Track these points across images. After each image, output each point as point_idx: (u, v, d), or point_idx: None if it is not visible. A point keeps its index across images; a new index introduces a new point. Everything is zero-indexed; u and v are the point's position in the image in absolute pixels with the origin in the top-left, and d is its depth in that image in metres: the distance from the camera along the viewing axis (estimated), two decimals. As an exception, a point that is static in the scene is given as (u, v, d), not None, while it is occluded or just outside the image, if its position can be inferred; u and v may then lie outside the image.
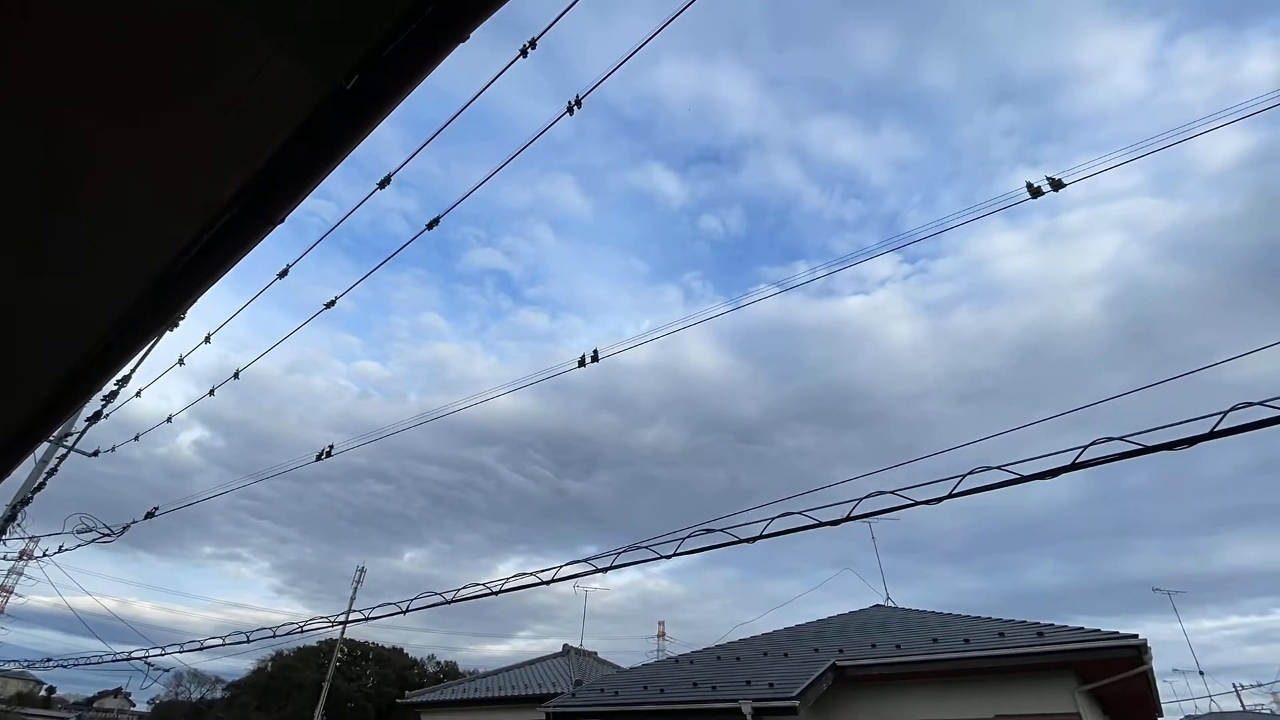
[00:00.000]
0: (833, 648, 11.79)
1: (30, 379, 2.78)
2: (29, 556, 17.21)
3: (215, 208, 1.91)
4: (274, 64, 1.44)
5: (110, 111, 1.63)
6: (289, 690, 40.43)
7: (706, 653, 15.20)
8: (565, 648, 22.00)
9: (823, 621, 15.58)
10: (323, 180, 1.98)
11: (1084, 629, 9.89)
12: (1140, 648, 8.85)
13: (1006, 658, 9.61)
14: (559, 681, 16.69)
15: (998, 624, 11.29)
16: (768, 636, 15.30)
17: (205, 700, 48.78)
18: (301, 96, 1.56)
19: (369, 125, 1.76)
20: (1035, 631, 10.05)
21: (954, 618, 12.86)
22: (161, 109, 1.62)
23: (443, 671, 49.04)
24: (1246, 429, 2.85)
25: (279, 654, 42.78)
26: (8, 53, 1.50)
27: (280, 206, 2.02)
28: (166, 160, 1.76)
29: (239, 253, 2.21)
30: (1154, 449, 3.01)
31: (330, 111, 1.62)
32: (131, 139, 1.70)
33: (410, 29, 1.42)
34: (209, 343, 6.55)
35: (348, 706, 38.95)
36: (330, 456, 6.69)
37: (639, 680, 13.63)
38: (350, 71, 1.48)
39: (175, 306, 2.32)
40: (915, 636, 11.40)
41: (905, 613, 14.55)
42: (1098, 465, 3.13)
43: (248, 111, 1.62)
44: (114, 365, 2.85)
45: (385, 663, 45.39)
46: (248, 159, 1.77)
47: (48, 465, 12.53)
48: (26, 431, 3.28)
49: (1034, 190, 4.30)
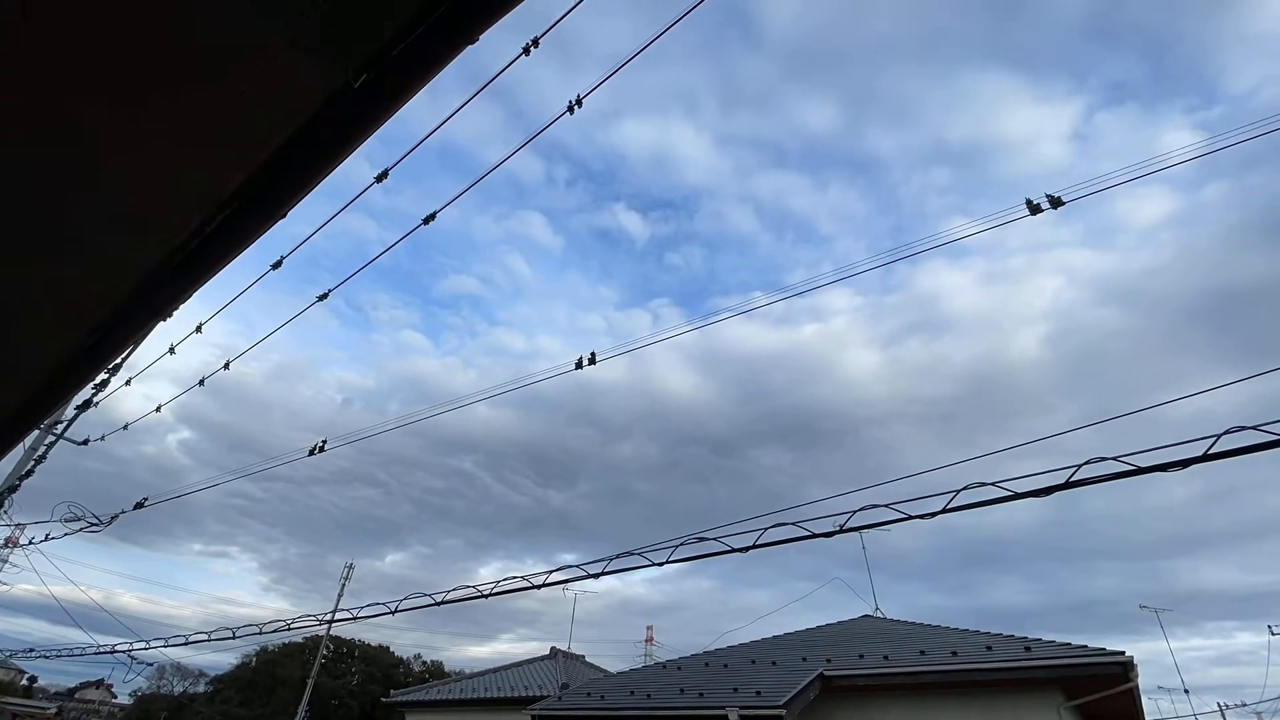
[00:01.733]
0: (820, 657, 11.78)
1: (23, 367, 2.75)
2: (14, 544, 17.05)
3: (217, 200, 1.89)
4: (284, 59, 1.44)
5: (114, 98, 1.62)
6: (272, 686, 40.10)
7: (694, 659, 15.17)
8: (553, 650, 21.91)
9: (811, 631, 15.57)
10: (325, 177, 1.98)
11: (1071, 645, 9.91)
12: (1127, 664, 8.87)
13: (993, 671, 9.62)
14: (545, 684, 16.61)
15: (985, 637, 11.31)
16: (756, 644, 15.28)
17: (188, 694, 48.36)
18: (309, 93, 1.56)
19: (374, 124, 1.76)
20: (1023, 646, 10.07)
21: (942, 630, 12.87)
22: (167, 98, 1.61)
23: (428, 671, 48.74)
24: (1240, 453, 2.87)
25: (263, 649, 42.45)
26: (14, 35, 1.48)
27: (282, 202, 2.01)
28: (170, 150, 1.75)
29: (238, 246, 2.19)
30: (1148, 470, 3.02)
31: (337, 109, 1.61)
32: (135, 127, 1.69)
33: (421, 29, 1.42)
34: (200, 332, 6.52)
35: (331, 704, 38.66)
36: (323, 451, 6.66)
37: (626, 685, 13.58)
38: (359, 70, 1.48)
39: (173, 299, 2.30)
40: (902, 648, 11.41)
41: (893, 624, 14.55)
42: (1092, 484, 3.14)
43: (254, 105, 1.61)
44: (108, 355, 2.83)
45: (371, 661, 45.07)
46: (252, 152, 1.76)
47: (36, 452, 12.44)
48: (17, 419, 3.24)
49: (1033, 207, 4.34)
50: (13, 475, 12.35)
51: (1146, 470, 3.02)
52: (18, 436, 3.68)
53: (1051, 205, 4.20)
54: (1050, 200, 4.17)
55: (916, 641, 11.74)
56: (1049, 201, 4.17)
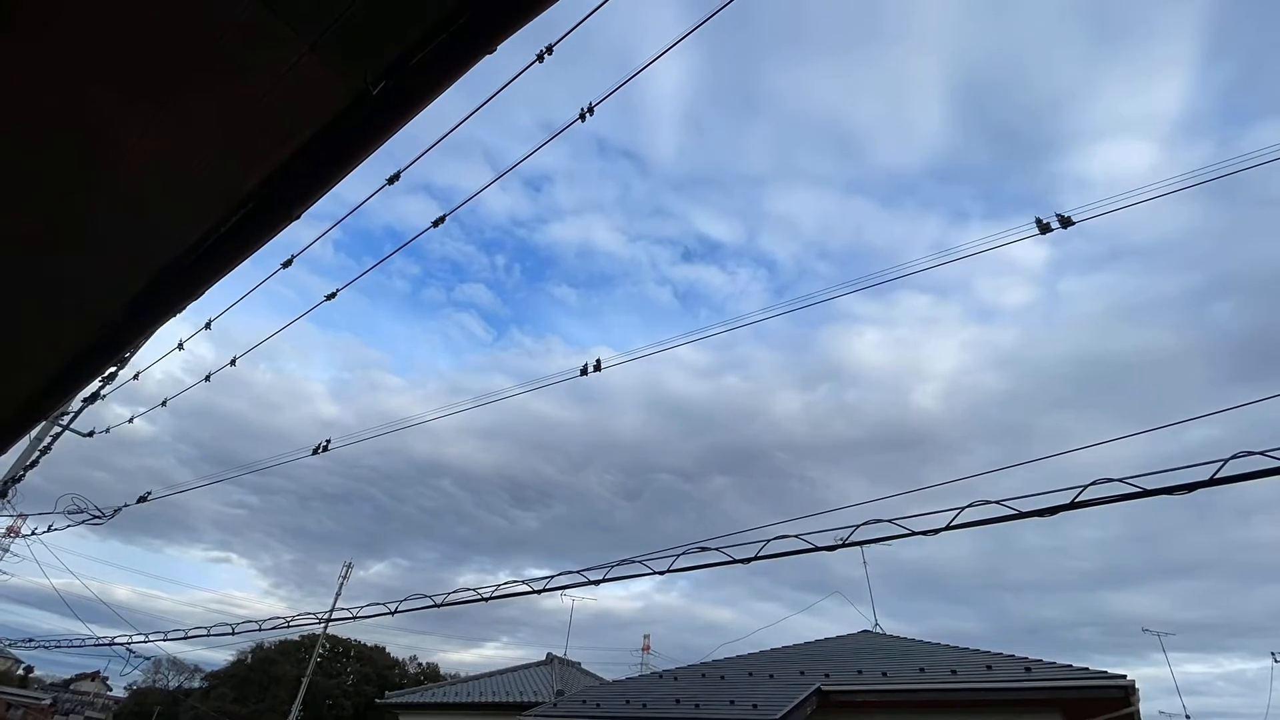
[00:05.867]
0: (819, 671, 11.70)
1: (36, 359, 2.78)
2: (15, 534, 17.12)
3: (235, 200, 1.92)
4: (305, 64, 1.46)
5: (138, 94, 1.64)
6: (267, 683, 40.03)
7: (691, 669, 15.06)
8: (549, 656, 21.79)
9: (809, 644, 15.45)
10: (341, 180, 2.00)
11: (1072, 666, 9.81)
12: (1129, 688, 8.78)
13: (993, 691, 9.53)
14: (540, 690, 16.54)
15: (985, 656, 11.21)
16: (754, 656, 15.17)
17: (182, 689, 48.35)
18: (328, 97, 1.58)
19: (391, 129, 1.78)
20: (1023, 666, 9.98)
21: (941, 647, 12.77)
22: (190, 97, 1.63)
23: (423, 674, 48.59)
24: (1246, 478, 2.86)
25: (259, 646, 42.39)
26: (39, 28, 1.51)
27: (297, 203, 2.03)
28: (191, 148, 1.77)
29: (253, 246, 2.22)
30: (1154, 492, 3.01)
31: (355, 114, 1.63)
32: (157, 124, 1.71)
33: (440, 38, 1.44)
34: (209, 329, 6.56)
35: (325, 704, 38.55)
36: (327, 450, 6.68)
37: (622, 694, 13.51)
38: (378, 77, 1.50)
39: (186, 296, 2.33)
40: (902, 664, 11.32)
41: (893, 640, 14.44)
42: (1096, 505, 3.13)
43: (275, 107, 1.63)
44: (119, 349, 2.85)
45: (366, 661, 44.97)
46: (270, 153, 1.79)
47: (41, 442, 12.50)
48: (28, 409, 3.27)
49: (1043, 226, 4.37)
50: (17, 465, 12.41)
51: (1153, 493, 3.01)
52: (27, 426, 3.71)
53: (1062, 225, 4.24)
54: (1060, 220, 4.22)
55: (916, 658, 11.65)
56: (1059, 221, 4.21)
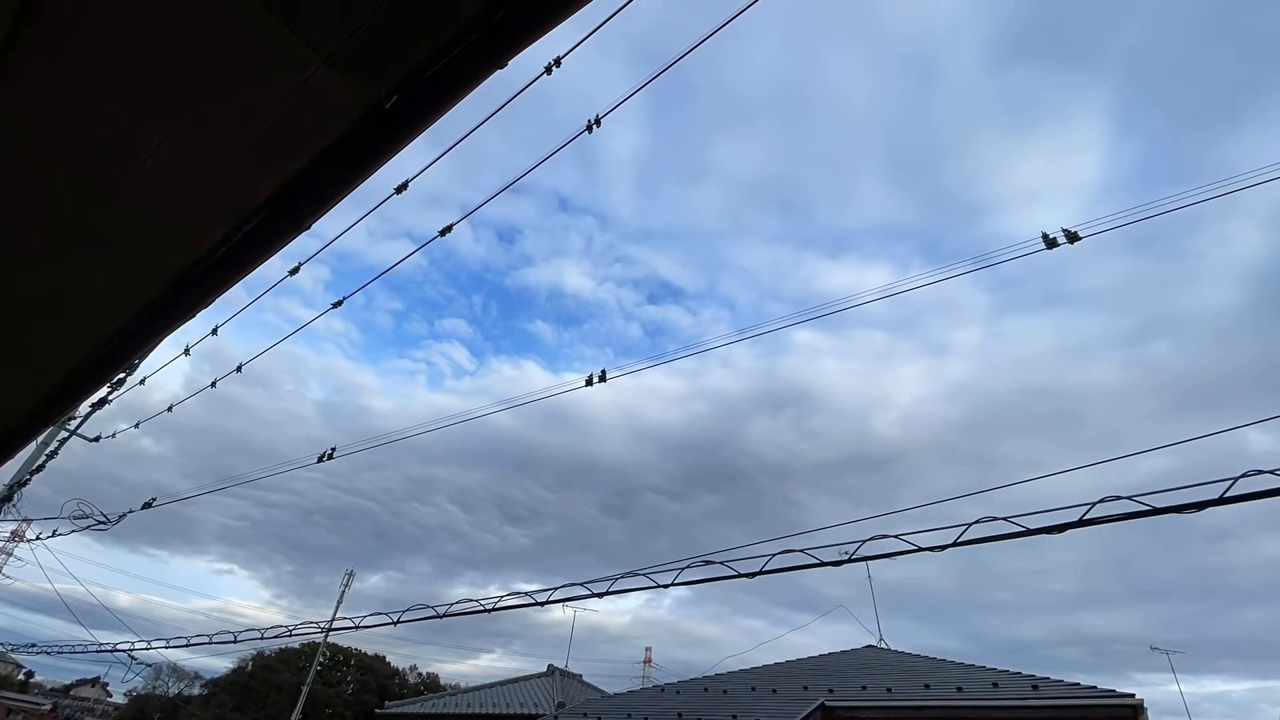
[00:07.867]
0: (822, 687, 11.58)
1: (46, 365, 2.80)
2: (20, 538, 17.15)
3: (246, 211, 1.93)
4: (319, 77, 1.47)
5: (153, 107, 1.66)
6: (267, 691, 39.82)
7: (694, 683, 14.93)
8: (550, 668, 21.65)
9: (813, 659, 15.30)
10: (351, 192, 2.01)
11: (1079, 684, 9.69)
12: (1137, 707, 8.67)
13: (1000, 709, 9.42)
14: (541, 702, 16.41)
15: (991, 673, 11.08)
16: (756, 671, 15.03)
17: (182, 696, 48.13)
18: (341, 110, 1.59)
19: (402, 142, 1.79)
20: (1030, 684, 9.86)
21: (947, 664, 12.63)
22: (205, 109, 1.65)
23: (424, 684, 48.27)
24: (1256, 497, 2.83)
25: (260, 654, 42.22)
26: (55, 37, 1.53)
27: (308, 214, 2.04)
28: (204, 159, 1.79)
29: (262, 256, 2.23)
30: (1164, 510, 2.98)
31: (367, 127, 1.65)
32: (173, 137, 1.73)
33: (453, 54, 1.45)
34: (216, 335, 6.59)
35: (325, 713, 38.31)
36: (332, 458, 6.68)
37: (623, 707, 13.39)
38: (390, 91, 1.51)
39: (196, 304, 2.34)
40: (907, 681, 11.20)
41: (897, 655, 14.29)
42: (1104, 523, 3.10)
43: (287, 120, 1.65)
44: (129, 356, 2.87)
45: (366, 670, 44.72)
46: (282, 165, 1.80)
47: (48, 447, 12.54)
48: (37, 414, 3.29)
49: (1049, 241, 4.37)
50: (23, 469, 12.45)
51: (1164, 511, 2.98)
52: (36, 431, 3.73)
53: (1068, 240, 4.24)
54: (1067, 235, 4.22)
55: (921, 674, 11.53)
56: (1065, 236, 4.21)
